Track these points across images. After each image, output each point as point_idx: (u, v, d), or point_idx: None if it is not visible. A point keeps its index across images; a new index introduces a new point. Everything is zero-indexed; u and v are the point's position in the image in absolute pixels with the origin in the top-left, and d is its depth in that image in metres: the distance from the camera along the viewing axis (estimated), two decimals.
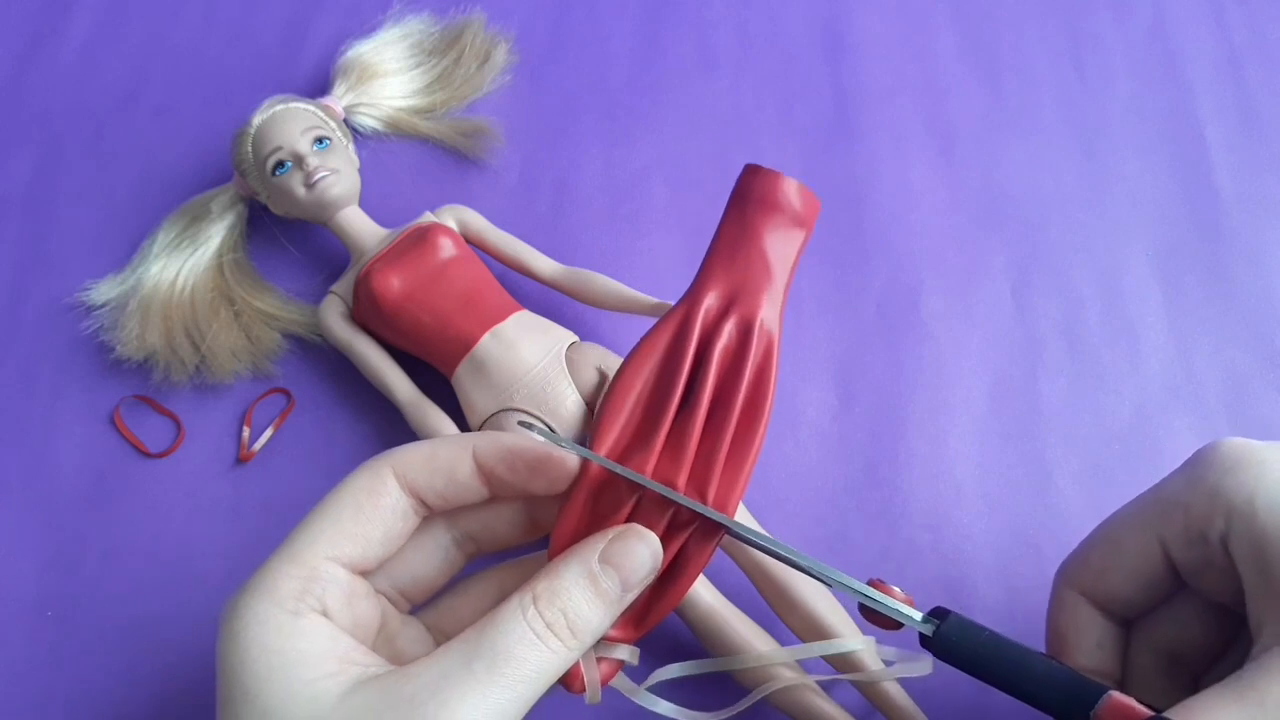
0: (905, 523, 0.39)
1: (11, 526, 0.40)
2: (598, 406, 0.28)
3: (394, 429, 0.40)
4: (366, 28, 0.48)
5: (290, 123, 0.41)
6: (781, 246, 0.29)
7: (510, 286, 0.41)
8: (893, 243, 0.44)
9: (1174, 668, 0.29)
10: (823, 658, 0.34)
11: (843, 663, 0.34)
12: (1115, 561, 0.29)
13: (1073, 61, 0.49)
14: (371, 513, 0.26)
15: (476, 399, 0.37)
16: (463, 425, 0.38)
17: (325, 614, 0.24)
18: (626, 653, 0.27)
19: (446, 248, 0.39)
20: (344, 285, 0.41)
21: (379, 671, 0.23)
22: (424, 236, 0.39)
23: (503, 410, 0.37)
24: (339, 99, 0.45)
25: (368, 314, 0.40)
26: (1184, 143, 0.46)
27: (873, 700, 0.34)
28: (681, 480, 0.27)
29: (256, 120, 0.41)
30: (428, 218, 0.41)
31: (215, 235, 0.43)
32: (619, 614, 0.25)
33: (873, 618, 0.28)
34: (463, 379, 0.38)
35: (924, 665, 0.30)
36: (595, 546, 0.25)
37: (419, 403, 0.39)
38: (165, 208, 0.44)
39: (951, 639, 0.27)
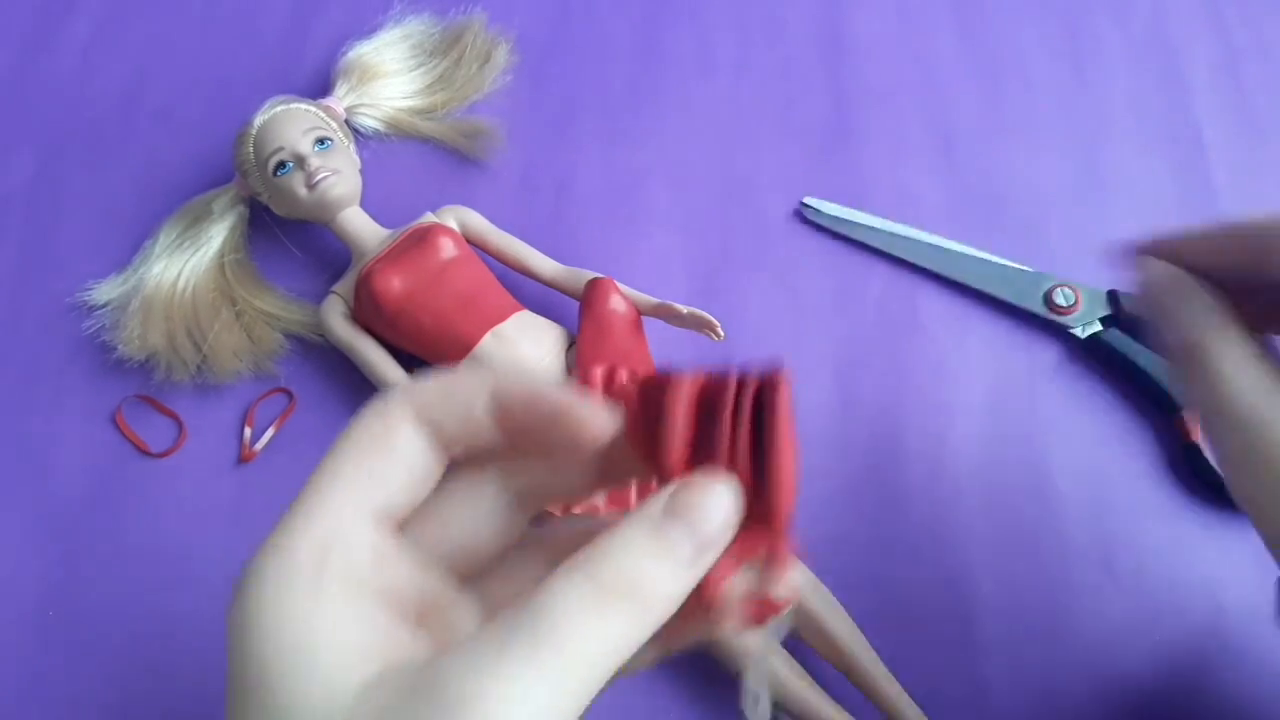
0: (906, 523, 0.39)
1: (13, 526, 0.40)
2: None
3: None
4: (367, 29, 0.48)
5: (292, 123, 0.41)
6: (628, 327, 0.38)
7: (511, 287, 0.41)
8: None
9: None
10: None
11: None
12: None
13: (1072, 61, 0.49)
14: (385, 449, 0.22)
15: None
16: None
17: (351, 581, 0.20)
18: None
19: (447, 248, 0.39)
20: (345, 285, 0.41)
21: (409, 658, 0.20)
22: (425, 237, 0.39)
23: None
24: (340, 100, 0.45)
25: (369, 314, 0.40)
26: (1183, 143, 0.46)
27: (877, 703, 0.34)
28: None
29: (258, 121, 0.41)
30: (428, 218, 0.42)
31: (217, 235, 0.43)
32: (696, 574, 0.20)
33: None
34: None
35: None
36: (659, 498, 0.20)
37: None
38: (167, 208, 0.44)
39: None
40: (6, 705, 0.36)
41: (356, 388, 0.41)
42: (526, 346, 0.38)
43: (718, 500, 0.20)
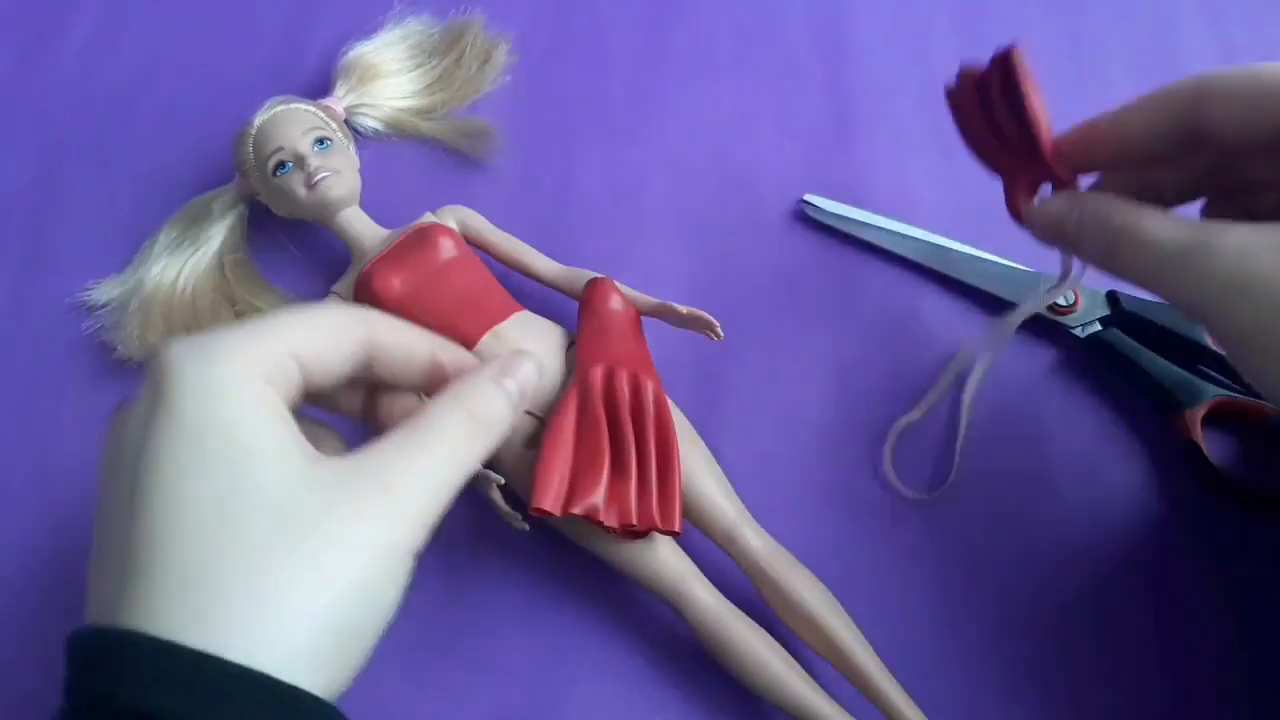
0: (905, 524, 0.39)
1: (13, 526, 0.40)
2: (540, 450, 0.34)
3: None
4: (367, 29, 0.48)
5: (291, 123, 0.41)
6: (628, 327, 0.38)
7: (511, 287, 0.41)
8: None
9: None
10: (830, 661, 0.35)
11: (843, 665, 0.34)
12: (1248, 87, 0.29)
13: (1072, 62, 0.49)
14: (338, 344, 0.28)
15: None
16: None
17: (284, 395, 0.26)
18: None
19: (447, 248, 0.39)
20: (345, 285, 0.41)
21: (327, 455, 0.26)
22: (425, 237, 0.39)
23: None
24: (340, 100, 0.45)
25: None
26: None
27: (876, 703, 0.34)
28: (632, 502, 0.34)
29: (258, 121, 0.41)
30: (428, 218, 0.42)
31: (216, 236, 0.43)
32: (517, 413, 0.30)
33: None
34: None
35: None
36: (494, 366, 0.30)
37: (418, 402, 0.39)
38: (167, 208, 0.44)
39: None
40: (6, 705, 0.36)
41: None
42: (526, 346, 0.38)
43: (528, 367, 0.30)
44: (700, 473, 0.36)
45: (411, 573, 0.25)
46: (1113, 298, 0.41)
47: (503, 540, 0.38)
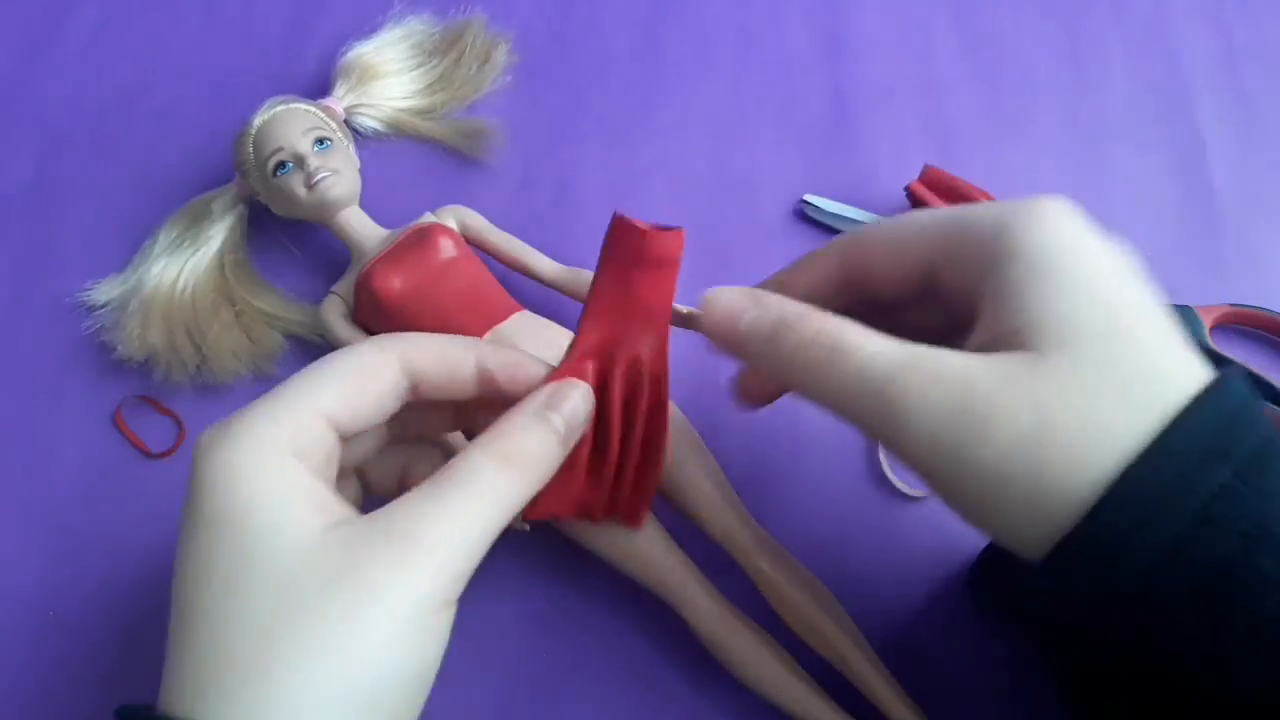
0: (905, 523, 0.39)
1: (12, 526, 0.40)
2: None
3: None
4: (367, 29, 0.48)
5: (291, 123, 0.41)
6: (657, 293, 0.30)
7: (511, 287, 0.41)
8: None
9: None
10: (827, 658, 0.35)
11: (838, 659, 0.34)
12: (887, 248, 0.29)
13: (1072, 61, 0.49)
14: (372, 385, 0.27)
15: None
16: None
17: (310, 461, 0.26)
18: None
19: (447, 248, 0.39)
20: (345, 285, 0.41)
21: (346, 516, 0.25)
22: (424, 237, 0.39)
23: None
24: (339, 100, 0.45)
25: (368, 314, 0.40)
26: (1183, 143, 0.46)
27: (876, 703, 0.34)
28: (601, 501, 0.32)
29: (257, 121, 0.41)
30: (428, 218, 0.42)
31: (216, 236, 0.43)
32: (565, 448, 0.28)
33: None
34: None
35: None
36: (538, 398, 0.28)
37: None
38: (166, 208, 0.44)
39: None
40: (6, 705, 0.36)
41: None
42: (526, 346, 0.37)
43: (576, 396, 0.29)
44: (699, 473, 0.36)
45: (451, 622, 0.25)
46: None
47: (503, 540, 0.38)
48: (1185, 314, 0.41)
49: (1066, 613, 0.25)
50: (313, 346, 0.42)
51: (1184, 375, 0.24)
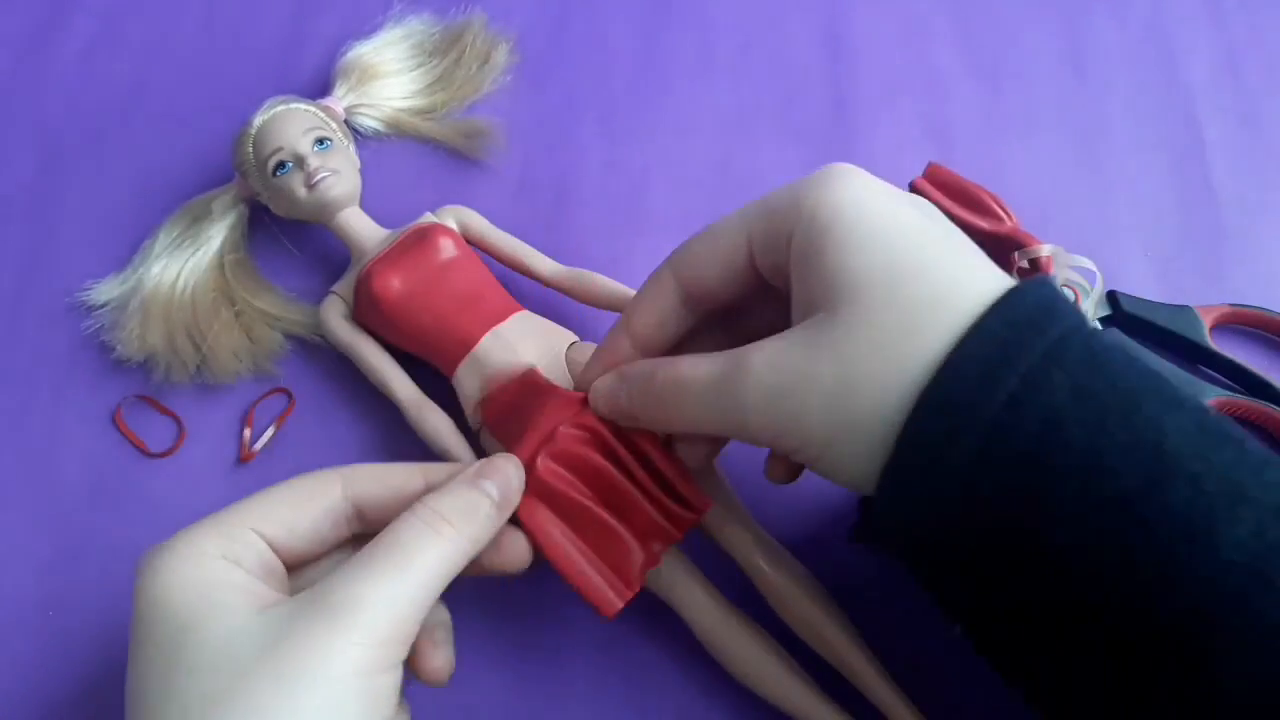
0: None
1: (12, 526, 0.40)
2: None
3: (394, 429, 0.40)
4: (367, 29, 0.48)
5: (291, 123, 0.41)
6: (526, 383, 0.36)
7: (511, 287, 0.41)
8: None
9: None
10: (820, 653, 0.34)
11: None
12: (710, 252, 0.31)
13: (1072, 62, 0.49)
14: (308, 504, 0.28)
15: (476, 399, 0.38)
16: (462, 425, 0.38)
17: (246, 566, 0.27)
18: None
19: (447, 248, 0.39)
20: (345, 285, 0.41)
21: (287, 599, 0.26)
22: (424, 237, 0.39)
23: None
24: (339, 99, 0.45)
25: (368, 314, 0.40)
26: (1183, 143, 0.46)
27: (876, 704, 0.34)
28: (660, 521, 0.32)
29: (257, 121, 0.41)
30: (428, 218, 0.42)
31: (216, 236, 0.43)
32: (501, 516, 0.29)
33: None
34: (463, 379, 0.38)
35: None
36: (470, 470, 0.30)
37: (419, 403, 0.39)
38: (166, 208, 0.44)
39: None
40: (7, 706, 0.36)
41: (356, 388, 0.41)
42: (526, 346, 0.38)
43: (509, 468, 0.30)
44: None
45: (396, 686, 0.26)
46: (1113, 298, 0.41)
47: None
48: (1185, 314, 0.41)
49: (917, 541, 0.27)
50: (312, 346, 0.42)
51: (973, 298, 0.26)
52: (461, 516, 0.28)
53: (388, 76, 0.46)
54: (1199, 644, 0.23)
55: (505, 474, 0.30)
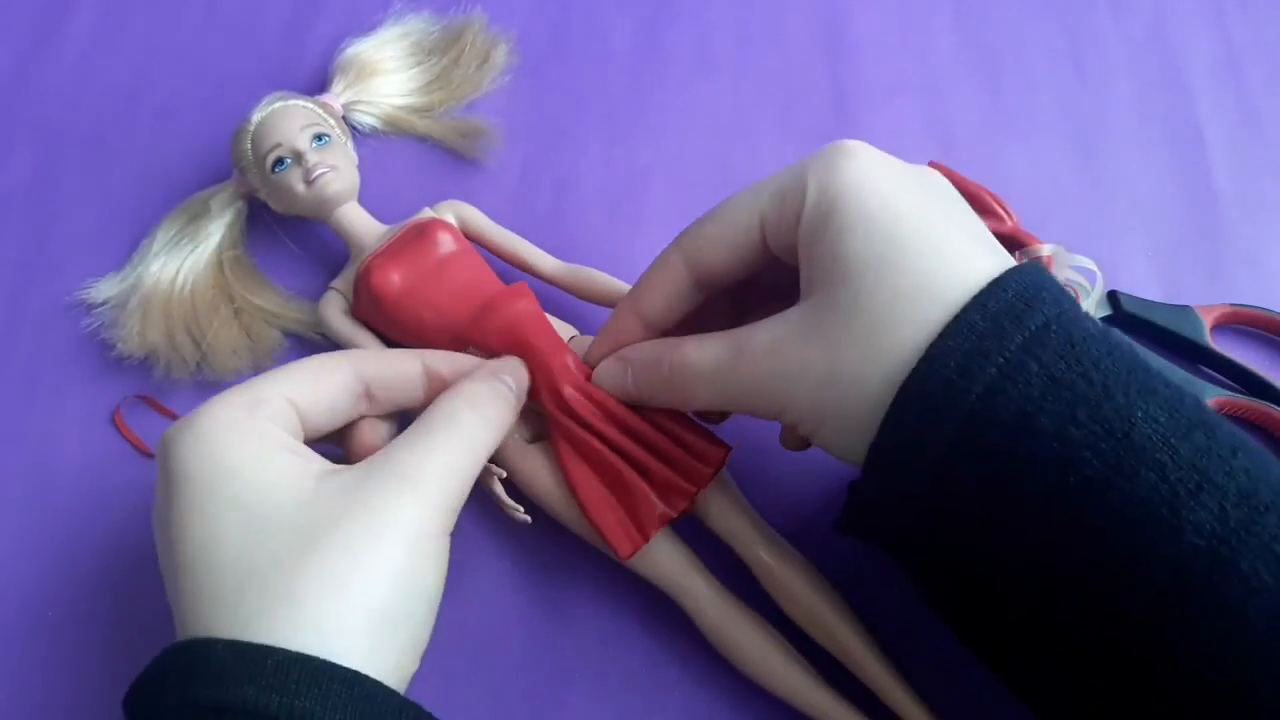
0: None
1: (11, 526, 0.39)
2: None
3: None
4: (366, 26, 0.48)
5: (289, 120, 0.41)
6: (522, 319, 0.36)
7: (510, 282, 0.41)
8: None
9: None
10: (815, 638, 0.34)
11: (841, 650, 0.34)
12: (721, 235, 0.31)
13: (1072, 62, 0.49)
14: (326, 378, 0.30)
15: None
16: None
17: (282, 427, 0.29)
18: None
19: (446, 243, 0.39)
20: (344, 281, 0.41)
21: (340, 466, 0.28)
22: (424, 232, 0.39)
23: None
24: (337, 96, 0.45)
25: (368, 310, 0.40)
26: (1183, 143, 0.47)
27: (878, 694, 0.34)
28: (678, 478, 0.34)
29: (256, 117, 0.41)
30: (427, 213, 0.42)
31: (215, 233, 0.43)
32: (515, 406, 0.32)
33: None
34: None
35: None
36: (485, 368, 0.33)
37: None
38: (165, 206, 0.44)
39: None
40: (6, 706, 0.36)
41: None
42: None
43: (518, 365, 0.33)
44: None
45: (448, 550, 0.28)
46: (1113, 297, 0.41)
47: (504, 532, 0.38)
48: (1186, 314, 0.41)
49: (898, 532, 0.28)
50: (312, 343, 0.42)
51: (959, 287, 0.26)
52: (492, 400, 0.31)
53: (386, 74, 0.46)
54: (1163, 626, 0.24)
55: (516, 370, 0.33)
